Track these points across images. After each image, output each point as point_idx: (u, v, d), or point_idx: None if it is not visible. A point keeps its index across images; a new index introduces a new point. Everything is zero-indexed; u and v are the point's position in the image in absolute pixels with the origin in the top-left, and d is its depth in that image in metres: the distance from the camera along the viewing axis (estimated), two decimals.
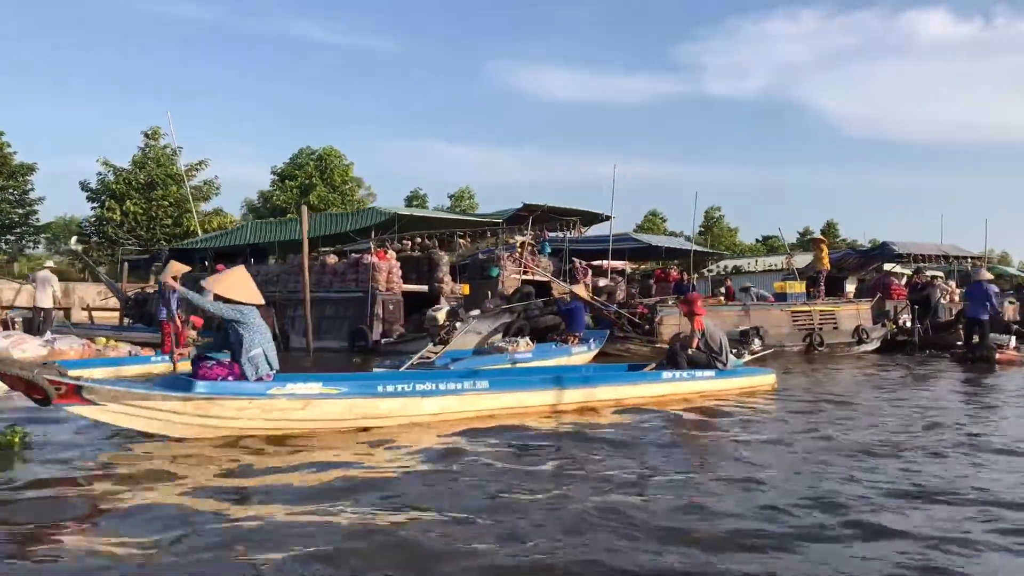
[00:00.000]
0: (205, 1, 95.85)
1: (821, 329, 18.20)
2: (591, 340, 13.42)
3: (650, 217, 61.82)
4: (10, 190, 37.90)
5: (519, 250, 17.52)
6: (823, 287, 19.63)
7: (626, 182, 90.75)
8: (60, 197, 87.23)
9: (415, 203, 52.38)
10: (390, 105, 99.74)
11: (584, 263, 19.03)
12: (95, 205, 36.05)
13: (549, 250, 20.94)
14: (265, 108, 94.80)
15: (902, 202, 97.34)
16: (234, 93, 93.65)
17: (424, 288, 17.63)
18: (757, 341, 12.16)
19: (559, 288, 10.99)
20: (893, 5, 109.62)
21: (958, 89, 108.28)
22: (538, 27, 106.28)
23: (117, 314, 21.65)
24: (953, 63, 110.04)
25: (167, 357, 11.35)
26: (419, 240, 17.05)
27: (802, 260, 25.67)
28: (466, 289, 18.03)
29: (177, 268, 12.11)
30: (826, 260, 19.61)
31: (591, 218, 19.44)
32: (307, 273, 15.98)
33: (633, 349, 16.42)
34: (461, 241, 17.03)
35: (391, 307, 16.63)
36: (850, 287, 25.66)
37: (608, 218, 19.32)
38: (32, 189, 38.34)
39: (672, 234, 66.74)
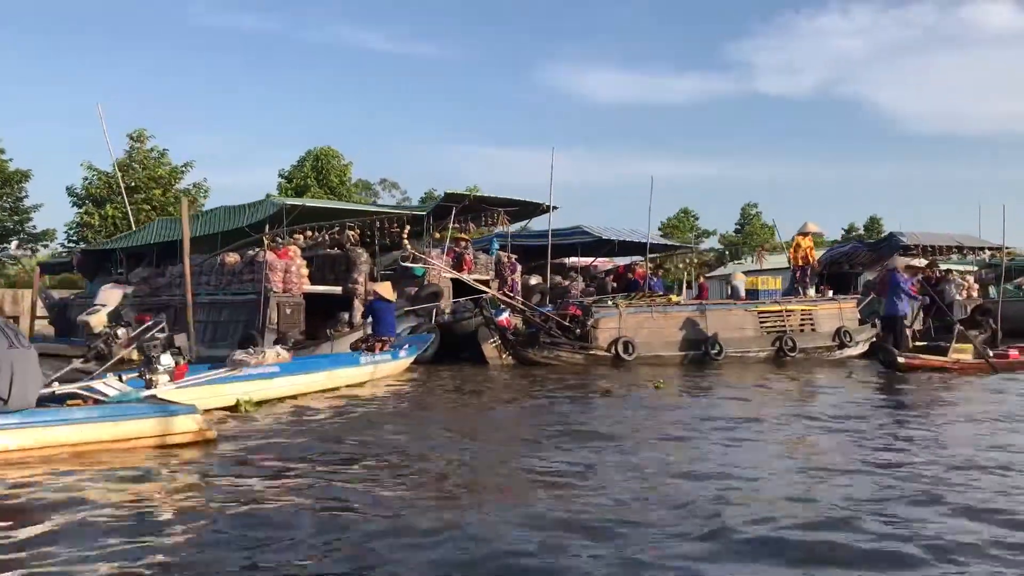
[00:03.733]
0: (265, 12, 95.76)
1: (802, 330, 15.65)
2: (404, 347, 11.23)
3: (681, 215, 58.85)
4: (4, 198, 37.34)
5: (403, 249, 15.32)
6: (807, 284, 17.01)
7: (671, 181, 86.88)
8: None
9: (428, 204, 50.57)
10: (435, 109, 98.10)
11: (512, 258, 16.77)
12: (79, 210, 35.24)
13: (497, 247, 18.70)
14: (313, 114, 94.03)
15: (955, 196, 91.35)
16: (284, 97, 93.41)
17: (338, 289, 15.67)
18: (167, 357, 7.12)
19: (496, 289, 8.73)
20: None
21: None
22: (586, 28, 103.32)
23: (45, 322, 20.39)
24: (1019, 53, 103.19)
25: None
26: (309, 234, 15.07)
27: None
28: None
29: None
30: (801, 256, 16.88)
31: (531, 209, 17.10)
32: (188, 275, 14.07)
33: (564, 357, 14.17)
34: (350, 233, 14.91)
35: (288, 310, 14.64)
36: None
37: (548, 209, 16.98)
38: (26, 196, 37.77)
39: (705, 232, 63.62)
